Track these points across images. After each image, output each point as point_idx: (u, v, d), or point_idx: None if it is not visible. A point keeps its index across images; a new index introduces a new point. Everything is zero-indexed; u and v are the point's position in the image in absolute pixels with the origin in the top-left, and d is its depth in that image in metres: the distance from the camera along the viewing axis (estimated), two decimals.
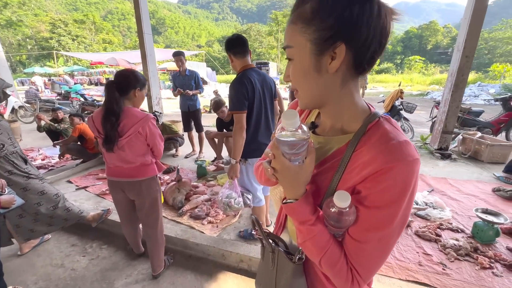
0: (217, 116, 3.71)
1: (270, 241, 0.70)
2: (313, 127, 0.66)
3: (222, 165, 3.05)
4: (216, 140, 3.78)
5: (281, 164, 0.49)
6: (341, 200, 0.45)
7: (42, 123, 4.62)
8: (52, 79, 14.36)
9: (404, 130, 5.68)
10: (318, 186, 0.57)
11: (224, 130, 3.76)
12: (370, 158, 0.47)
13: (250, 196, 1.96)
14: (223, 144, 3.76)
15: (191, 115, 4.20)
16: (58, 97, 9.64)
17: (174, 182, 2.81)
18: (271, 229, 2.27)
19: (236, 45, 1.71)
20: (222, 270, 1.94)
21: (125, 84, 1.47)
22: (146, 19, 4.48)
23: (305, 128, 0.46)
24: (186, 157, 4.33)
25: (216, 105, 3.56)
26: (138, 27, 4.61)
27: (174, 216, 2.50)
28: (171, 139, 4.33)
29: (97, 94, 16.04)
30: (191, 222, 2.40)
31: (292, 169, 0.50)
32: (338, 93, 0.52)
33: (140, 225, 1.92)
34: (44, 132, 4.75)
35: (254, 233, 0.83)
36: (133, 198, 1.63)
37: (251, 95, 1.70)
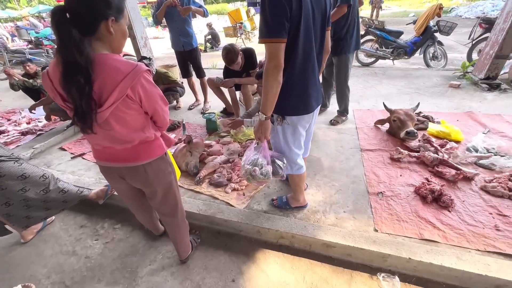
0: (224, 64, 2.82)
1: None
2: None
3: (240, 119, 2.46)
4: (227, 90, 2.97)
5: None
6: None
7: (15, 79, 3.90)
8: (17, 24, 12.40)
9: (436, 57, 4.87)
10: None
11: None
12: None
13: (282, 163, 1.50)
14: (234, 94, 3.01)
15: (187, 56, 3.42)
16: (30, 46, 8.36)
17: (183, 144, 2.36)
18: (308, 194, 1.95)
19: None
20: (259, 247, 1.67)
21: (86, 13, 0.83)
22: None
23: None
24: (190, 109, 3.77)
25: (231, 55, 2.56)
26: None
27: (191, 184, 2.15)
28: (169, 90, 3.65)
29: None
30: (212, 191, 2.05)
31: None
32: None
33: None
34: (21, 91, 4.08)
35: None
36: (138, 187, 1.20)
37: (296, 13, 1.05)
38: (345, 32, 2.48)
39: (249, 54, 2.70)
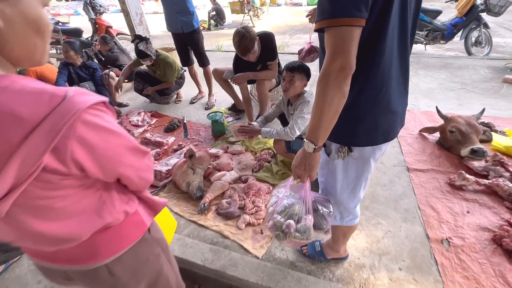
0: (235, 53, 2.18)
1: None
2: None
3: (257, 127, 1.88)
4: (238, 87, 2.34)
5: None
6: None
7: None
8: None
9: (479, 43, 4.17)
10: None
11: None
12: None
13: (328, 211, 1.01)
14: (247, 91, 2.39)
15: (187, 39, 2.81)
16: None
17: (183, 159, 1.87)
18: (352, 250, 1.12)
19: None
20: None
21: None
22: None
23: None
24: (192, 103, 3.22)
25: (246, 42, 1.90)
26: None
27: (193, 213, 1.69)
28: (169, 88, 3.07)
29: (69, 12, 13.28)
30: (220, 226, 1.59)
31: None
32: None
33: None
34: None
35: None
36: None
37: None
38: None
39: (267, 40, 2.07)
